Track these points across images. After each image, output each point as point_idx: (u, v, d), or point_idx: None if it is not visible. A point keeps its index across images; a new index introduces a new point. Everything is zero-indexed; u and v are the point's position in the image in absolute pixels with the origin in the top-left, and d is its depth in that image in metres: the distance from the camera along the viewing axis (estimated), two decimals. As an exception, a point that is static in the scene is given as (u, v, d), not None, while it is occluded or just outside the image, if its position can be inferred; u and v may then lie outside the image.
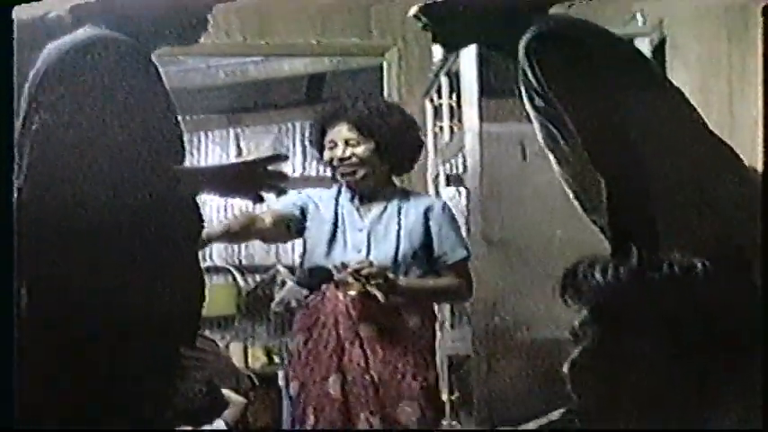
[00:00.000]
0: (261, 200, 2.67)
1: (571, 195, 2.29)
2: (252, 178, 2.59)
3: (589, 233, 4.41)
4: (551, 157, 2.24)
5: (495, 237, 4.55)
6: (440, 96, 5.48)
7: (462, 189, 4.92)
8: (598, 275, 1.72)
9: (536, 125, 2.22)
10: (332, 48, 6.94)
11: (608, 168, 2.06)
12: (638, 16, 4.82)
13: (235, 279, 8.31)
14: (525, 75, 2.14)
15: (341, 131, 4.03)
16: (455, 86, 5.12)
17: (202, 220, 2.74)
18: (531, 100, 2.15)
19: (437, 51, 5.51)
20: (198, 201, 2.72)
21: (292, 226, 4.09)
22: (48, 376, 2.35)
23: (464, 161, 4.74)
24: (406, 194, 4.19)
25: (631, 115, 2.11)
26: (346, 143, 3.97)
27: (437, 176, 5.61)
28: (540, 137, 2.23)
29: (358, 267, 3.79)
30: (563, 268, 1.76)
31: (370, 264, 3.82)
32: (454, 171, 5.46)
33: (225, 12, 6.36)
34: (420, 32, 6.40)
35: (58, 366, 2.37)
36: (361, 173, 4.01)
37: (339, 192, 4.15)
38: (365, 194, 4.11)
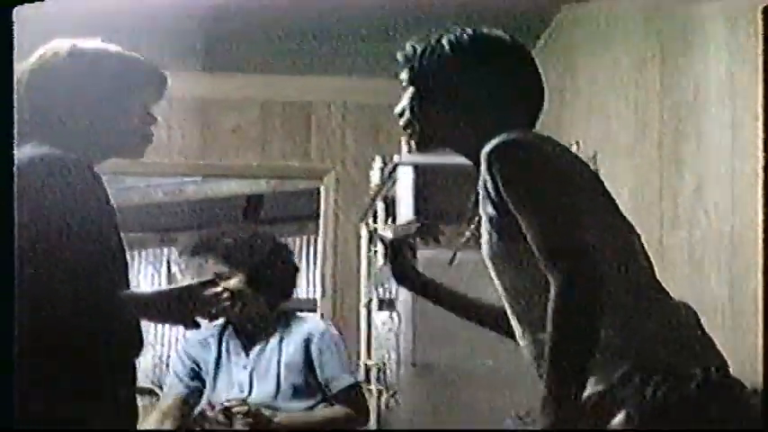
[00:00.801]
0: (197, 326, 2.60)
1: (510, 314, 2.28)
2: (188, 304, 2.52)
3: (517, 365, 4.47)
4: (493, 272, 2.25)
5: (424, 361, 4.51)
6: (375, 221, 5.50)
7: (395, 314, 4.90)
8: None
9: (485, 236, 2.23)
10: (271, 170, 6.96)
11: (561, 271, 2.05)
12: (574, 148, 4.89)
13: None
14: (485, 182, 2.17)
15: (209, 265, 3.92)
16: (391, 212, 5.14)
17: (142, 343, 2.68)
18: (488, 205, 2.17)
19: (374, 176, 5.54)
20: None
21: (192, 401, 4.01)
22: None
23: (397, 286, 4.72)
24: (288, 322, 4.08)
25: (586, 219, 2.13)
26: (218, 277, 3.88)
27: (370, 301, 5.60)
28: (487, 250, 2.23)
29: (228, 406, 3.71)
30: (488, 398, 1.75)
31: (242, 402, 3.73)
32: (387, 296, 5.45)
33: (167, 131, 6.39)
34: (359, 157, 6.57)
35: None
36: (237, 307, 3.86)
37: (224, 327, 4.07)
38: (248, 328, 4.03)
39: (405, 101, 2.40)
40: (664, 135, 4.05)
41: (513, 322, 2.31)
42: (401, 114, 2.41)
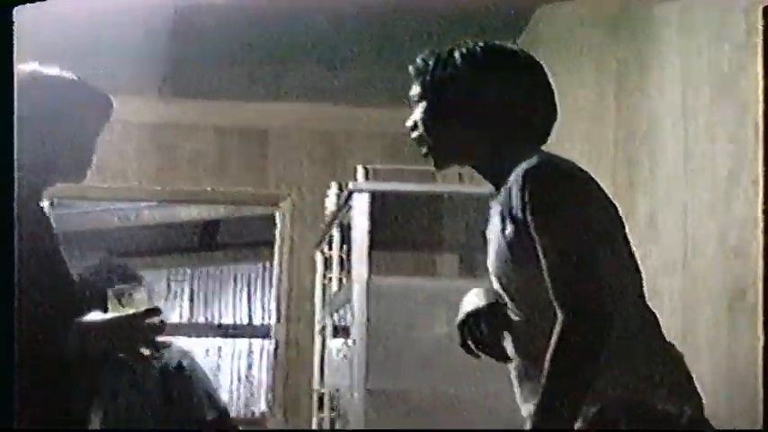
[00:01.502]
0: (142, 358, 2.51)
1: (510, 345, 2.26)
2: (129, 335, 2.44)
3: (471, 391, 4.47)
4: (501, 291, 2.22)
5: (378, 388, 4.47)
6: (330, 248, 5.46)
7: (349, 341, 4.86)
8: None
9: (493, 255, 2.19)
10: (227, 195, 6.92)
11: (571, 305, 2.04)
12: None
13: None
14: (509, 200, 2.12)
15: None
16: (346, 238, 5.10)
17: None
18: (508, 224, 2.13)
19: (330, 203, 5.50)
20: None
21: None
22: None
23: (351, 313, 4.70)
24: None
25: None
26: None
27: (324, 327, 5.55)
28: (495, 269, 2.20)
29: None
30: (442, 424, 1.72)
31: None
32: (341, 322, 5.40)
33: (122, 155, 6.32)
34: (315, 183, 6.54)
35: None
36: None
37: None
38: None
39: (416, 115, 2.33)
40: (618, 163, 4.05)
41: (509, 342, 2.27)
42: (413, 129, 2.34)
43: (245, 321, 9.54)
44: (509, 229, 2.14)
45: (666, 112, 3.71)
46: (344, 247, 5.25)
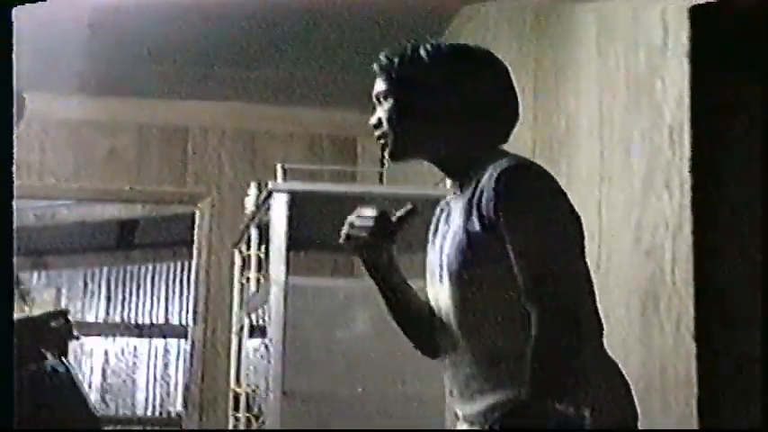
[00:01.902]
0: (43, 357, 2.43)
1: (450, 329, 2.23)
2: (32, 337, 2.36)
3: (389, 392, 4.45)
4: (453, 286, 2.19)
5: (294, 389, 4.43)
6: (249, 247, 5.41)
7: (266, 341, 4.81)
8: None
9: (452, 250, 2.17)
10: (145, 194, 6.83)
11: (549, 300, 2.05)
12: (447, 180, 4.88)
13: None
14: (479, 197, 2.13)
15: None
16: (265, 238, 5.06)
17: None
18: (474, 221, 2.13)
19: (249, 202, 5.46)
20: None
21: None
22: None
23: (268, 313, 4.65)
24: None
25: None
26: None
27: (241, 328, 5.50)
28: (452, 264, 2.18)
29: None
30: (357, 425, 1.69)
31: None
32: (260, 322, 5.35)
33: (40, 153, 6.21)
34: (234, 183, 6.48)
35: None
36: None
37: None
38: None
39: (381, 112, 2.31)
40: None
41: (448, 338, 2.24)
42: (376, 126, 2.32)
43: (162, 321, 9.47)
44: (477, 225, 2.14)
45: (583, 116, 3.73)
46: (263, 246, 5.20)
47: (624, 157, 3.42)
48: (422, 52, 2.28)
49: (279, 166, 4.90)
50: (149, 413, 9.30)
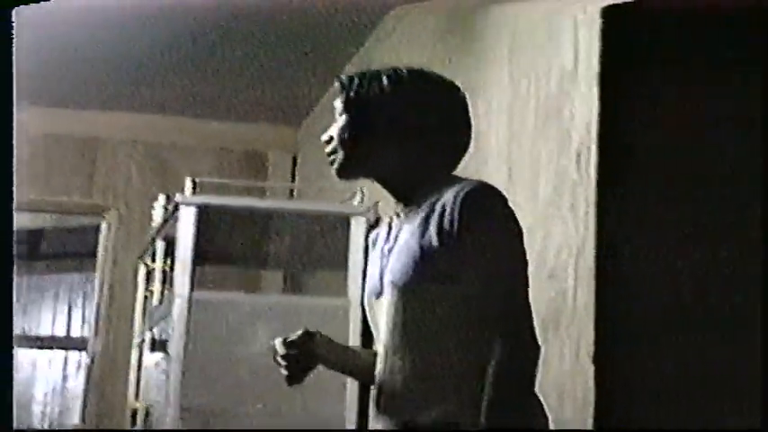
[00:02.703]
0: None
1: (386, 347, 2.20)
2: None
3: (290, 410, 4.39)
4: (397, 303, 2.16)
5: (193, 405, 4.36)
6: (154, 260, 5.31)
7: (167, 356, 4.72)
8: None
9: (399, 265, 2.17)
10: (52, 204, 6.71)
11: (510, 327, 2.08)
12: (357, 196, 4.86)
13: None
14: (440, 216, 2.14)
15: None
16: (171, 251, 4.97)
17: None
18: (433, 238, 2.14)
19: (156, 215, 5.37)
20: None
21: None
22: None
23: (170, 327, 4.56)
24: None
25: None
26: None
27: (142, 341, 5.39)
28: (398, 279, 2.17)
29: None
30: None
31: None
32: (163, 336, 5.25)
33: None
34: (142, 195, 6.38)
35: None
36: None
37: None
38: None
39: (334, 129, 2.31)
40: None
41: (385, 358, 2.23)
42: (328, 141, 2.32)
43: (64, 333, 9.33)
44: (435, 242, 2.15)
45: (493, 137, 3.72)
46: (168, 260, 5.12)
47: (531, 179, 3.42)
48: (382, 74, 2.31)
49: (187, 180, 4.83)
50: (46, 426, 9.14)
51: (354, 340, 4.53)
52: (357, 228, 4.75)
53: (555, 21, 3.42)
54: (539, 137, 3.43)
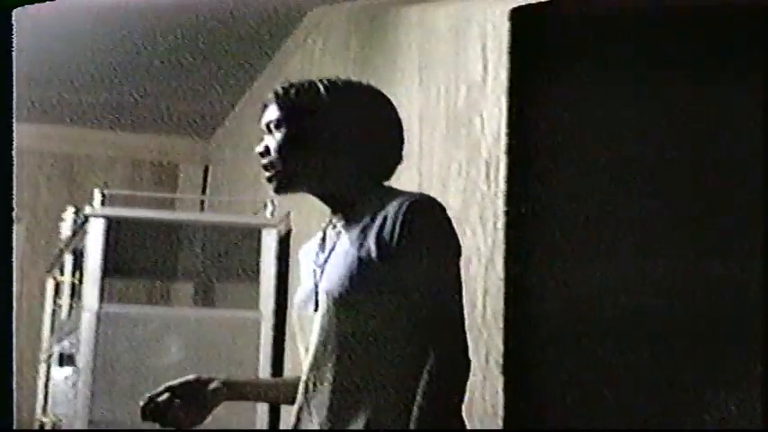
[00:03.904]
0: None
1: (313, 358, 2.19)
2: None
3: (204, 424, 4.33)
4: (329, 312, 2.15)
5: (101, 419, 4.29)
6: (62, 273, 5.21)
7: (75, 369, 4.63)
8: None
9: (334, 276, 2.15)
10: (-42, 217, 6.53)
11: (446, 341, 2.08)
12: (268, 207, 4.83)
13: None
14: (380, 227, 2.13)
15: None
16: (80, 264, 4.88)
17: None
18: (372, 247, 2.13)
19: (65, 228, 5.27)
20: None
21: None
22: None
23: (79, 341, 4.48)
24: None
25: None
26: None
27: (50, 355, 5.29)
28: (332, 288, 2.14)
29: None
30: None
31: None
32: (70, 350, 5.15)
33: None
34: (49, 206, 6.26)
35: None
36: None
37: None
38: None
39: (269, 141, 2.26)
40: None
41: (314, 368, 2.19)
42: (263, 154, 2.27)
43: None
44: (374, 253, 2.14)
45: (404, 147, 3.71)
46: (77, 273, 5.03)
47: (441, 190, 3.41)
48: (318, 85, 2.28)
49: (96, 191, 4.76)
50: None
51: (266, 352, 4.50)
52: (268, 239, 4.72)
53: (463, 27, 3.41)
54: (449, 147, 3.42)
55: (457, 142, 3.36)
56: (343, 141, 2.25)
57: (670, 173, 3.00)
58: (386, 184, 2.28)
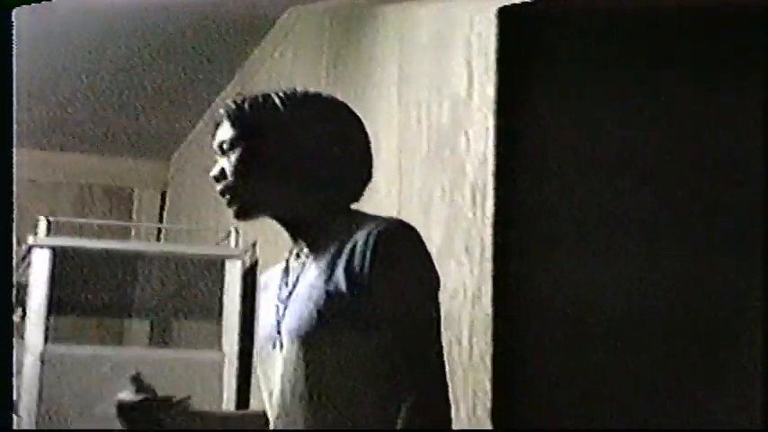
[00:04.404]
0: None
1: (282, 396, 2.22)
2: None
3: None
4: (299, 351, 2.17)
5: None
6: (3, 309, 5.20)
7: (17, 416, 4.64)
8: None
9: (303, 312, 2.16)
10: None
11: (424, 382, 2.10)
12: (232, 236, 4.85)
13: None
14: (349, 257, 2.14)
15: None
16: (21, 298, 4.90)
17: None
18: (341, 281, 2.14)
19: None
20: None
21: None
22: None
23: (21, 385, 4.50)
24: None
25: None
26: None
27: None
28: (301, 325, 2.16)
29: None
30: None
31: None
32: (14, 396, 5.16)
33: None
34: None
35: None
36: None
37: None
38: None
39: (225, 163, 2.25)
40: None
41: (280, 414, 2.21)
42: (218, 178, 2.26)
43: None
44: (343, 286, 2.14)
45: (381, 171, 3.73)
46: (20, 310, 5.04)
47: (423, 217, 3.43)
48: (275, 100, 2.26)
49: (41, 219, 4.78)
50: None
51: (229, 397, 4.50)
52: (232, 272, 4.74)
53: (445, 34, 3.43)
54: (431, 169, 3.44)
55: (440, 164, 3.38)
56: (304, 161, 2.24)
57: (670, 176, 3.05)
58: (354, 207, 2.28)
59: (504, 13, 3.12)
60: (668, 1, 3.08)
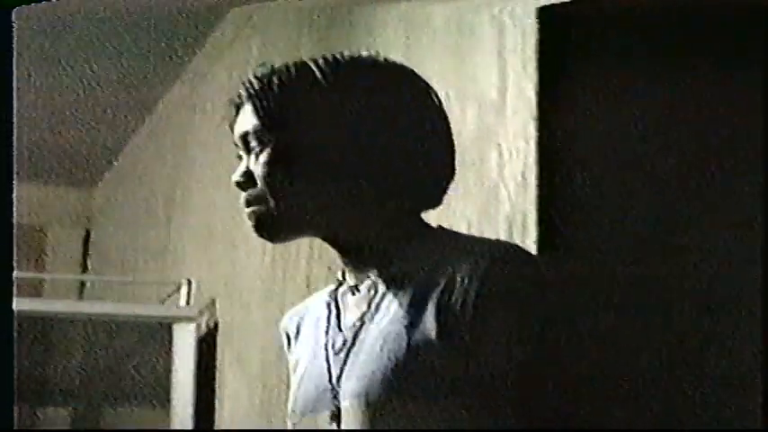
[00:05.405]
0: None
1: None
2: None
3: None
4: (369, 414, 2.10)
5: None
6: None
7: None
8: None
9: (384, 361, 2.08)
10: None
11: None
12: (183, 289, 4.82)
13: None
14: (445, 296, 2.05)
15: None
16: None
17: None
18: (432, 321, 2.04)
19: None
20: None
21: None
22: None
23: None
24: None
25: None
26: None
27: None
28: (385, 381, 2.08)
29: None
30: None
31: None
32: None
33: None
34: None
35: None
36: None
37: None
38: None
39: (251, 163, 2.12)
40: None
41: None
42: (244, 185, 2.12)
43: None
44: (431, 338, 2.04)
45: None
46: None
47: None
48: (313, 69, 2.12)
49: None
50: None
51: None
52: (184, 340, 4.69)
53: (469, 23, 3.45)
54: (453, 198, 3.41)
55: (464, 190, 3.32)
56: (363, 156, 2.12)
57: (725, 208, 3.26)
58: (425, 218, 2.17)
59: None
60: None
